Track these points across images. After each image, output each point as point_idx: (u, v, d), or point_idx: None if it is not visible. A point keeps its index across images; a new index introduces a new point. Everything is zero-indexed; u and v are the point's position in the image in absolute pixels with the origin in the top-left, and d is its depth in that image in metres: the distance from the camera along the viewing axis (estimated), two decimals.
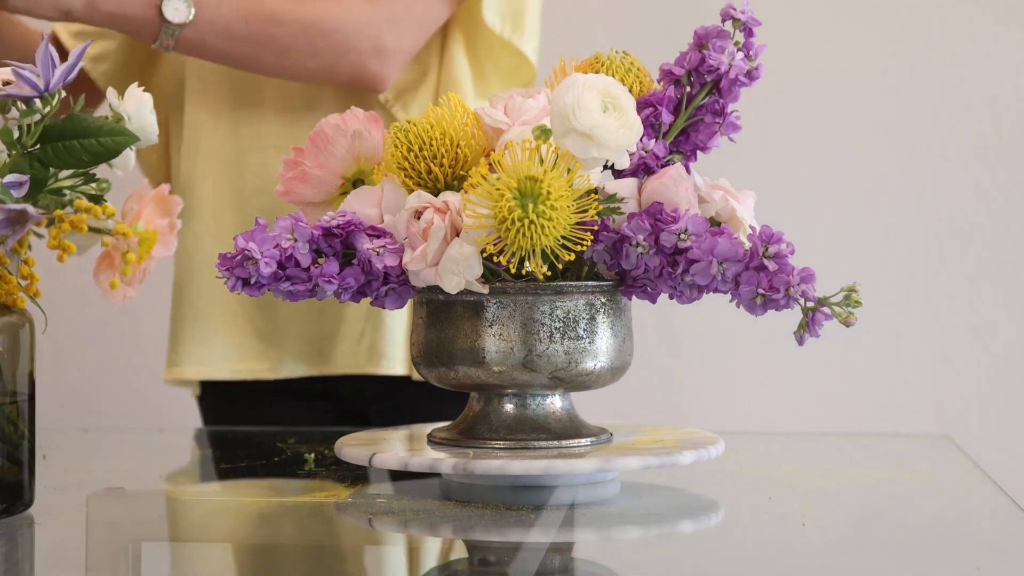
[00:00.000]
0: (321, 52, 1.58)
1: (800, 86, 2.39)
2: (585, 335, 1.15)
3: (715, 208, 1.16)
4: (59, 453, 1.45)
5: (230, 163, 1.69)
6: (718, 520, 1.13)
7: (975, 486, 1.29)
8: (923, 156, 2.38)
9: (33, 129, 1.11)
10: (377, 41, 1.59)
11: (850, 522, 1.15)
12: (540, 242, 1.07)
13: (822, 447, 1.57)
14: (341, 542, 1.11)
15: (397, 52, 1.60)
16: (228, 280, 1.13)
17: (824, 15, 2.39)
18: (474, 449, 1.16)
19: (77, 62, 1.12)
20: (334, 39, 1.58)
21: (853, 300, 1.12)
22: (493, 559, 1.04)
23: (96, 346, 2.53)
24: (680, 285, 1.13)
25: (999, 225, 2.38)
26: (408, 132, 1.16)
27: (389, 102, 1.66)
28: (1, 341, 1.11)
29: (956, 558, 1.04)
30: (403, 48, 1.61)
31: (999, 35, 2.37)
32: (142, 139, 1.18)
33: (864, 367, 2.39)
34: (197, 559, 1.07)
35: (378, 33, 1.59)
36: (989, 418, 2.39)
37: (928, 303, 2.39)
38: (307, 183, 1.20)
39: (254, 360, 1.70)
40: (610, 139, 1.10)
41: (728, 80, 1.16)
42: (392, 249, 1.13)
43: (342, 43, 1.58)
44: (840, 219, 2.39)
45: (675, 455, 1.14)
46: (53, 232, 1.10)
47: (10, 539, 1.08)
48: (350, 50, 1.59)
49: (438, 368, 1.17)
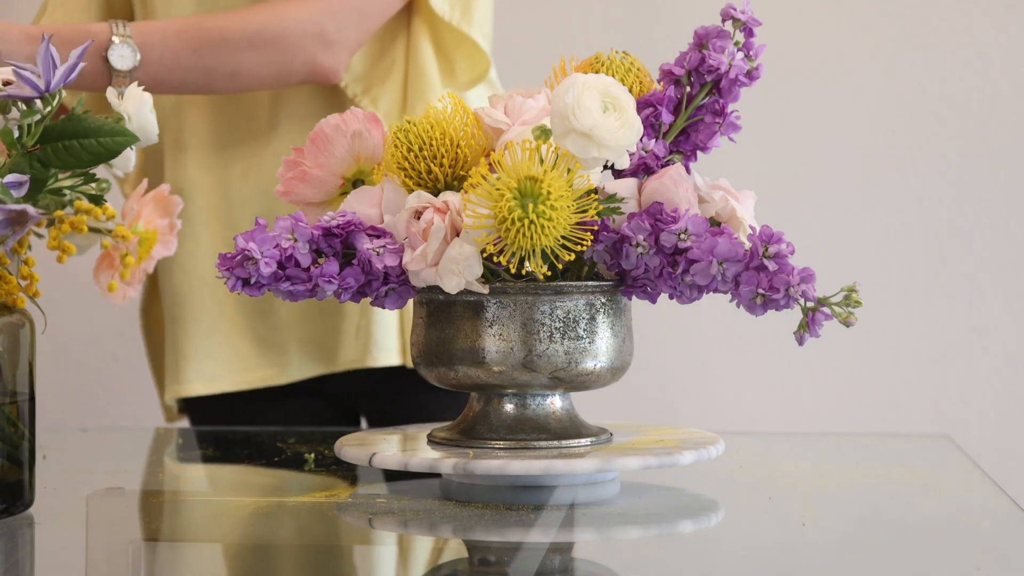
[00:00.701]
0: (272, 60, 1.60)
1: (800, 86, 2.39)
2: (585, 335, 1.15)
3: (715, 208, 1.16)
4: (59, 453, 1.45)
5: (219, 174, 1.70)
6: (718, 520, 1.13)
7: (975, 486, 1.29)
8: (923, 156, 2.38)
9: (34, 129, 1.11)
10: (321, 36, 1.61)
11: (850, 522, 1.15)
12: (540, 242, 1.07)
13: (822, 447, 1.57)
14: (341, 542, 1.11)
15: (343, 42, 1.62)
16: (228, 280, 1.13)
17: (824, 15, 2.39)
18: (474, 449, 1.16)
19: (78, 62, 1.12)
20: (281, 44, 1.60)
21: (853, 300, 1.12)
22: (493, 559, 1.04)
23: (96, 346, 2.53)
24: (680, 285, 1.13)
25: (999, 225, 2.38)
26: (408, 132, 1.16)
27: (358, 97, 1.67)
28: (1, 341, 1.11)
29: (956, 558, 1.04)
30: (348, 38, 1.62)
31: (999, 35, 2.37)
32: (142, 139, 1.18)
33: (864, 367, 2.39)
34: (197, 559, 1.07)
35: (321, 28, 1.61)
36: (989, 418, 2.39)
37: (928, 303, 2.39)
38: (307, 183, 1.20)
39: (263, 368, 1.70)
40: (610, 139, 1.10)
41: (728, 80, 1.16)
42: (392, 249, 1.13)
43: (289, 46, 1.60)
44: (840, 219, 2.39)
45: (675, 455, 1.14)
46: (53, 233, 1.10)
47: (10, 539, 1.08)
48: (298, 50, 1.61)
49: (438, 368, 1.17)
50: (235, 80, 1.61)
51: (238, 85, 1.62)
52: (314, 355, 1.70)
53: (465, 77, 1.71)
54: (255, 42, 1.59)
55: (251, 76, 1.61)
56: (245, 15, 1.60)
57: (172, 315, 1.72)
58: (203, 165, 1.70)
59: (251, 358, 1.70)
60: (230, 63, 1.60)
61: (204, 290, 1.70)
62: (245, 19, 1.60)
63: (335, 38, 1.62)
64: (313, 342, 1.69)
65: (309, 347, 1.70)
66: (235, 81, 1.61)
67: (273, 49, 1.60)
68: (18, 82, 1.10)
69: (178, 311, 1.71)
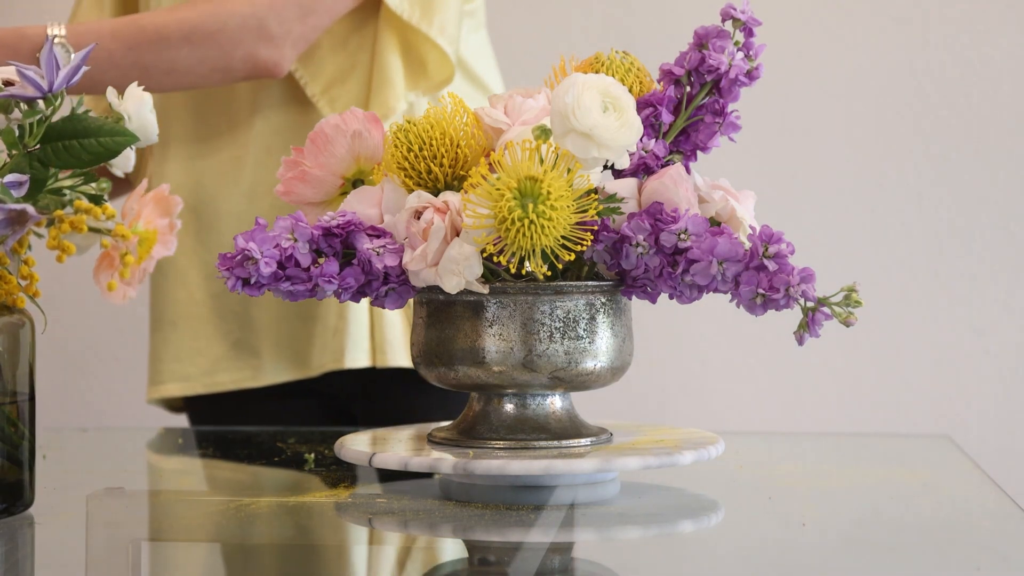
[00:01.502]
0: (209, 56, 1.59)
1: (799, 86, 2.39)
2: (585, 335, 1.15)
3: (715, 208, 1.16)
4: (59, 453, 1.45)
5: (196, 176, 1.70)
6: (718, 520, 1.13)
7: (975, 486, 1.29)
8: (923, 156, 2.38)
9: (36, 130, 1.11)
10: (261, 30, 1.59)
11: (850, 522, 1.15)
12: (540, 242, 1.07)
13: (822, 447, 1.57)
14: (341, 542, 1.11)
15: (285, 37, 1.60)
16: (228, 280, 1.13)
17: (824, 15, 2.39)
18: (474, 449, 1.16)
19: (81, 64, 1.12)
20: (218, 39, 1.59)
21: (853, 300, 1.12)
22: (493, 559, 1.04)
23: (96, 346, 2.53)
24: (680, 285, 1.13)
25: (999, 225, 2.38)
26: (408, 132, 1.16)
27: (316, 96, 1.66)
28: (1, 341, 1.11)
29: (956, 558, 1.04)
30: (291, 32, 1.61)
31: (999, 35, 2.37)
32: (142, 139, 1.18)
33: (864, 367, 2.39)
34: (197, 559, 1.07)
35: (261, 22, 1.60)
36: (989, 418, 2.39)
37: (928, 303, 2.39)
38: (307, 183, 1.20)
39: (236, 371, 1.70)
40: (610, 139, 1.10)
41: (728, 80, 1.16)
42: (392, 249, 1.13)
43: (227, 40, 1.59)
44: (840, 219, 2.39)
45: (675, 455, 1.14)
46: (53, 232, 1.10)
47: (10, 539, 1.08)
48: (237, 44, 1.59)
49: (438, 368, 1.17)
50: (172, 77, 1.59)
51: (176, 82, 1.61)
52: (288, 359, 1.70)
53: (435, 79, 1.68)
54: (192, 38, 1.58)
55: (189, 72, 1.60)
56: (184, 11, 1.59)
57: (153, 316, 1.73)
58: (181, 167, 1.70)
59: (224, 360, 1.70)
60: (166, 60, 1.58)
61: (182, 292, 1.70)
62: (183, 15, 1.59)
63: (276, 32, 1.60)
64: (288, 346, 1.69)
65: (283, 351, 1.70)
66: (172, 78, 1.60)
67: (210, 44, 1.59)
68: (21, 82, 1.10)
69: (156, 312, 1.72)
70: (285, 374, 1.70)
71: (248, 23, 1.59)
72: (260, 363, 1.70)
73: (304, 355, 1.69)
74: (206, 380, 1.70)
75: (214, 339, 1.70)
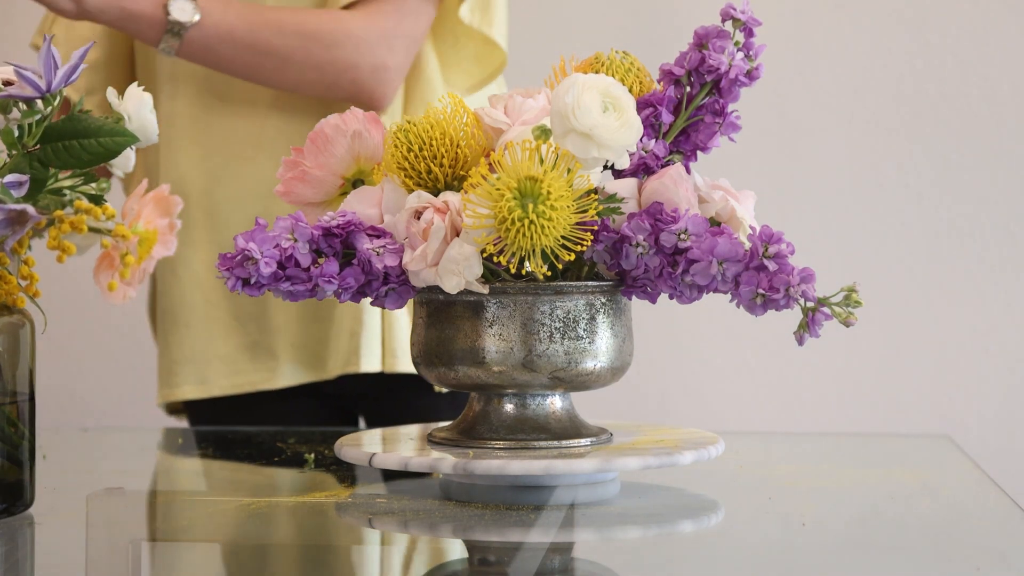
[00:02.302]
0: (322, 66, 1.60)
1: (800, 86, 2.39)
2: (585, 335, 1.15)
3: (715, 208, 1.16)
4: (59, 453, 1.45)
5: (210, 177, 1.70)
6: (718, 520, 1.13)
7: (975, 486, 1.29)
8: (923, 156, 2.38)
9: (35, 129, 1.11)
10: (376, 59, 1.60)
11: (850, 522, 1.15)
12: (540, 242, 1.07)
13: (822, 447, 1.57)
14: (341, 542, 1.11)
15: (397, 70, 1.62)
16: (228, 280, 1.13)
17: (824, 15, 2.39)
18: (474, 449, 1.16)
19: (79, 63, 1.12)
20: (334, 54, 1.59)
21: (853, 300, 1.12)
22: (493, 559, 1.04)
23: (96, 346, 2.53)
24: (680, 285, 1.13)
25: (999, 225, 2.38)
26: (408, 132, 1.16)
27: None
28: (1, 341, 1.11)
29: (956, 558, 1.04)
30: (401, 66, 1.62)
31: (999, 34, 2.37)
32: (142, 139, 1.18)
33: (864, 367, 2.39)
34: (197, 559, 1.07)
35: (377, 51, 1.60)
36: (989, 418, 2.39)
37: (928, 303, 2.39)
38: (307, 183, 1.20)
39: (253, 372, 1.70)
40: (610, 139, 1.10)
41: (728, 80, 1.16)
42: (392, 249, 1.13)
43: (342, 59, 1.60)
44: (840, 219, 2.39)
45: (675, 455, 1.14)
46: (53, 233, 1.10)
47: (10, 539, 1.08)
48: (350, 67, 1.60)
49: (438, 368, 1.17)
50: (280, 73, 1.60)
51: (282, 80, 1.61)
52: (305, 361, 1.70)
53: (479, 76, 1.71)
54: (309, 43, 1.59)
55: (296, 75, 1.60)
56: (306, 14, 1.60)
57: (165, 318, 1.72)
58: (196, 169, 1.70)
59: (242, 363, 1.70)
60: (280, 54, 1.59)
61: (197, 294, 1.70)
62: (305, 17, 1.60)
63: (391, 64, 1.61)
64: (304, 348, 1.69)
65: (300, 353, 1.70)
66: (280, 74, 1.60)
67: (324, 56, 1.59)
68: (19, 82, 1.10)
69: (171, 315, 1.71)
70: (301, 376, 1.70)
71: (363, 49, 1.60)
72: (277, 364, 1.70)
73: (320, 357, 1.69)
74: (223, 382, 1.70)
75: (231, 341, 1.70)
